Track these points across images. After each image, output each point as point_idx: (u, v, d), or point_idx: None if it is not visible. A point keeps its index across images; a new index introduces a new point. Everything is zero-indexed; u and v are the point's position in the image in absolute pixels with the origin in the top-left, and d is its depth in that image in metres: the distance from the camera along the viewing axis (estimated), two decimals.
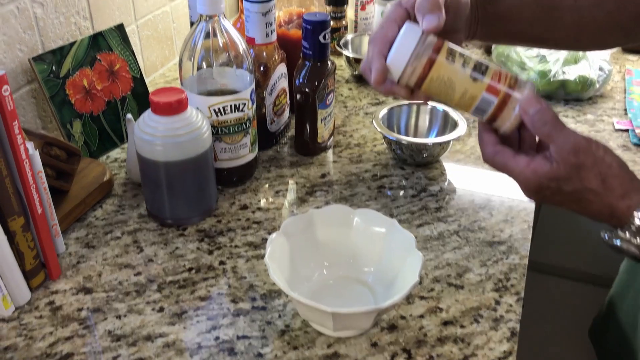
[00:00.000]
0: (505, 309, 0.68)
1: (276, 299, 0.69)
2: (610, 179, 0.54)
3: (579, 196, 0.55)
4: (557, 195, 0.56)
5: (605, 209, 0.55)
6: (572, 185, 0.55)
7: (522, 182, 0.58)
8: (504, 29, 0.68)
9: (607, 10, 0.66)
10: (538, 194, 0.57)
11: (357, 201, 0.85)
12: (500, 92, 0.58)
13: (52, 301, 0.69)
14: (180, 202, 0.79)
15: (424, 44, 0.57)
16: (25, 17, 0.86)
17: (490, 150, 0.60)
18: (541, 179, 0.56)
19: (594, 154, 0.54)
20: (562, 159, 0.54)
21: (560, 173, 0.55)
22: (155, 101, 0.73)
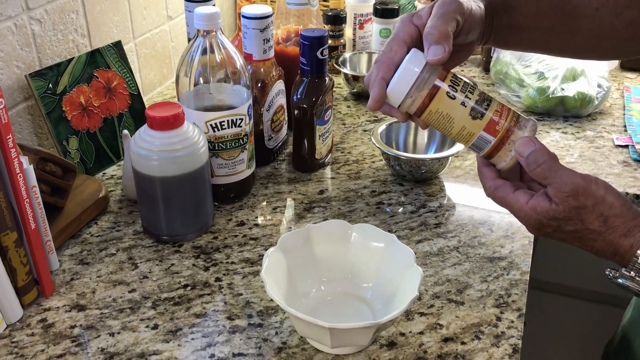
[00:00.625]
0: (506, 325, 0.66)
1: (273, 316, 0.67)
2: (612, 218, 0.53)
3: (581, 235, 0.55)
4: (558, 233, 0.56)
5: (608, 248, 0.54)
6: (573, 225, 0.54)
7: (522, 219, 0.57)
8: (519, 38, 0.67)
9: (629, 19, 0.65)
10: (539, 231, 0.57)
11: (355, 217, 0.84)
12: (499, 133, 0.56)
13: (44, 318, 0.67)
14: (176, 218, 0.78)
15: (427, 76, 0.56)
16: (23, 33, 0.86)
17: (490, 184, 0.59)
18: (541, 217, 0.55)
19: (594, 195, 0.53)
20: (561, 200, 0.53)
21: (559, 214, 0.54)
22: (152, 116, 0.73)
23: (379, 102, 0.57)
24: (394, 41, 0.58)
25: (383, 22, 1.26)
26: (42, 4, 0.88)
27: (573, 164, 0.97)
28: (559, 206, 0.54)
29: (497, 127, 0.56)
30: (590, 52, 0.70)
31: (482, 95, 0.57)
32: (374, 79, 0.57)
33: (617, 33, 0.66)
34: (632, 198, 0.90)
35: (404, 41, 0.57)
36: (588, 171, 0.94)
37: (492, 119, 0.56)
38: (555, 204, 0.54)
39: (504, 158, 0.57)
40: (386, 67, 0.57)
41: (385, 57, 0.57)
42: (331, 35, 1.25)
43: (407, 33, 0.58)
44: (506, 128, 0.56)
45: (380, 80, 0.57)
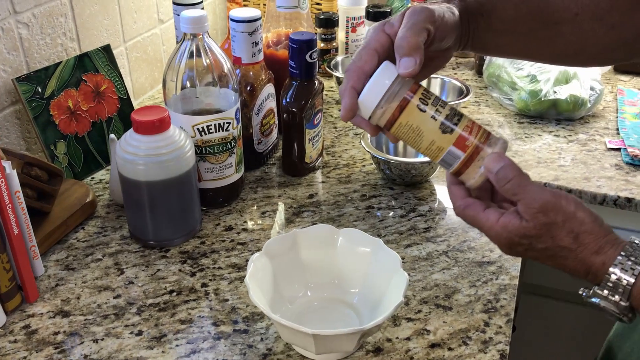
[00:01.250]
0: (494, 331, 0.66)
1: (259, 322, 0.67)
2: (583, 235, 0.52)
3: (552, 253, 0.53)
4: (530, 252, 0.54)
5: (580, 266, 0.53)
6: (544, 243, 0.53)
7: (493, 238, 0.56)
8: (497, 43, 0.66)
9: (608, 24, 0.63)
10: (511, 250, 0.55)
11: (344, 222, 0.84)
12: (469, 148, 0.55)
13: (27, 325, 0.66)
14: (163, 223, 0.77)
15: (397, 88, 0.55)
16: (10, 37, 0.85)
17: (460, 203, 0.57)
18: (512, 235, 0.53)
19: (564, 211, 0.52)
20: (531, 217, 0.52)
21: (530, 231, 0.53)
22: (137, 120, 0.72)
23: (350, 111, 0.56)
24: (365, 50, 0.56)
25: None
26: (29, 8, 0.87)
27: (565, 168, 0.96)
28: (529, 223, 0.52)
29: (466, 143, 0.55)
30: (572, 58, 0.69)
31: (453, 111, 0.56)
32: (345, 89, 0.56)
33: (599, 39, 0.64)
34: (623, 201, 0.89)
35: (375, 50, 0.56)
36: (580, 175, 0.94)
37: (462, 134, 0.55)
38: (526, 220, 0.52)
39: (472, 175, 0.56)
40: (356, 77, 0.56)
41: (355, 67, 0.56)
42: (323, 38, 1.25)
43: (379, 42, 0.56)
44: (476, 144, 0.55)
45: (351, 89, 0.56)
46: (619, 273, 0.50)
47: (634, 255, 0.50)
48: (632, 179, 0.93)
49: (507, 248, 0.55)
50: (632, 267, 0.50)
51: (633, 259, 0.50)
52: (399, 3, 1.46)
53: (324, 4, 1.34)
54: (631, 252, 0.50)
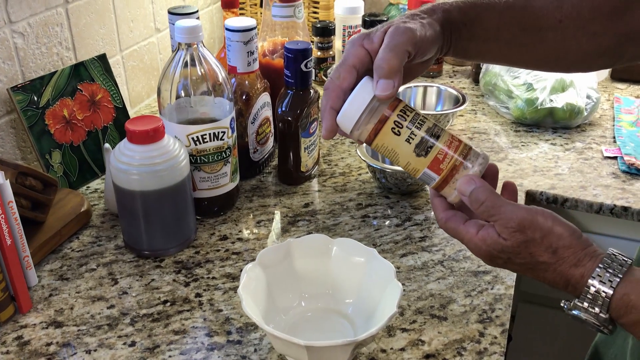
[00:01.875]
0: (489, 341, 0.65)
1: (252, 333, 0.66)
2: (561, 249, 0.52)
3: (531, 267, 0.54)
4: (510, 265, 0.55)
5: (560, 279, 0.53)
6: (523, 258, 0.53)
7: (473, 250, 0.56)
8: (479, 49, 0.66)
9: (590, 32, 0.64)
10: (491, 261, 0.56)
11: (340, 231, 0.83)
12: (443, 171, 0.55)
13: (20, 335, 0.66)
14: (158, 233, 0.77)
15: (375, 106, 0.54)
16: (5, 47, 0.85)
17: (442, 216, 0.58)
18: (490, 249, 0.54)
19: (541, 227, 0.52)
20: (509, 236, 0.53)
21: (508, 248, 0.53)
22: (131, 130, 0.72)
23: (331, 132, 0.56)
24: (343, 67, 0.56)
25: None
26: (25, 17, 0.87)
27: (562, 176, 0.96)
28: (507, 241, 0.53)
29: (441, 166, 0.55)
30: (553, 64, 0.69)
31: (430, 131, 0.55)
32: (324, 109, 0.56)
33: (580, 46, 0.65)
34: (620, 210, 0.89)
35: (354, 66, 0.55)
36: (577, 183, 0.94)
37: (437, 157, 0.55)
38: (503, 239, 0.53)
39: (450, 193, 0.56)
40: (335, 96, 0.55)
41: (334, 85, 0.55)
42: (320, 47, 1.25)
43: (357, 57, 0.55)
44: (450, 167, 0.55)
45: (330, 110, 0.55)
46: (597, 285, 0.50)
47: (611, 267, 0.50)
48: (628, 188, 0.93)
49: (487, 260, 0.56)
50: (610, 279, 0.50)
51: (611, 271, 0.50)
52: (395, 12, 1.47)
53: (320, 13, 1.34)
54: (609, 264, 0.51)
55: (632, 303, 0.49)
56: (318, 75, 1.26)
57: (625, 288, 0.50)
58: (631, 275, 0.50)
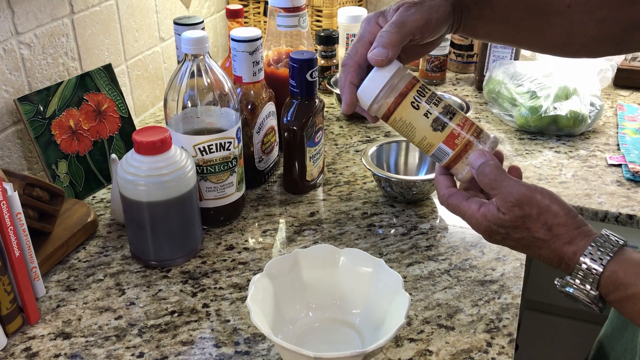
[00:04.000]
0: (497, 351, 0.65)
1: (260, 343, 0.67)
2: (556, 227, 0.54)
3: (527, 243, 0.56)
4: (508, 241, 0.57)
5: (554, 256, 0.55)
6: (520, 233, 0.56)
7: (474, 225, 0.59)
8: (487, 29, 0.67)
9: (598, 17, 0.65)
10: (490, 237, 0.58)
11: (346, 240, 0.83)
12: (457, 147, 0.59)
13: (28, 347, 0.66)
14: (164, 243, 0.77)
15: (395, 83, 0.58)
16: (12, 58, 0.86)
17: (444, 192, 0.61)
18: (491, 224, 0.57)
19: (538, 204, 0.54)
20: (508, 210, 0.55)
21: (506, 222, 0.56)
22: (138, 141, 0.72)
23: (351, 106, 0.60)
24: (360, 43, 0.59)
25: None
26: (31, 28, 0.88)
27: (566, 184, 0.96)
28: (506, 215, 0.55)
29: (456, 141, 0.59)
30: (559, 49, 0.70)
31: (447, 109, 0.59)
32: (344, 85, 0.60)
33: (587, 31, 0.66)
34: (625, 218, 0.89)
35: (370, 42, 0.58)
36: (581, 191, 0.94)
37: (453, 132, 0.58)
38: (502, 213, 0.56)
39: (460, 170, 0.60)
40: (353, 72, 0.59)
41: (352, 61, 0.59)
42: (323, 55, 1.25)
43: (373, 34, 0.59)
44: (465, 142, 0.58)
45: (349, 85, 0.59)
46: (589, 262, 0.52)
47: (603, 246, 0.52)
48: (633, 196, 0.93)
49: (486, 236, 0.58)
50: (600, 257, 0.52)
51: (602, 250, 0.52)
52: None
53: (324, 21, 1.35)
54: (601, 243, 0.53)
55: (620, 280, 0.51)
56: (321, 84, 1.26)
57: (614, 266, 0.52)
58: (622, 254, 0.52)
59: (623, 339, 0.73)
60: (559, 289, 0.56)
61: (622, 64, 1.30)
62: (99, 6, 1.01)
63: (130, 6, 1.09)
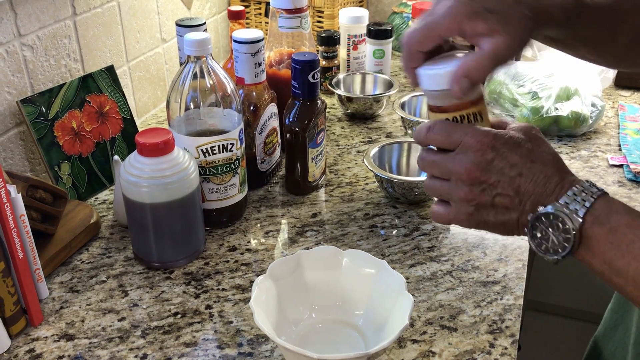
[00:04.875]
0: (500, 352, 0.65)
1: (264, 345, 0.67)
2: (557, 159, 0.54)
3: (530, 162, 0.52)
4: (504, 161, 0.52)
5: (552, 173, 0.51)
6: (518, 153, 0.52)
7: (457, 164, 0.54)
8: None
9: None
10: (489, 164, 0.52)
11: (348, 241, 0.84)
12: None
13: (32, 349, 0.66)
14: (167, 245, 0.77)
15: (449, 95, 0.54)
16: (14, 60, 0.86)
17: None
18: (494, 142, 0.53)
19: (542, 140, 0.55)
20: (516, 127, 0.55)
21: (513, 137, 0.53)
22: (141, 142, 0.72)
23: (415, 84, 0.57)
24: (429, 32, 0.53)
25: (377, 43, 1.26)
26: (33, 30, 0.88)
27: None
28: (514, 131, 0.54)
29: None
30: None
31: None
32: (406, 66, 0.56)
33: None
34: None
35: (440, 37, 0.53)
36: None
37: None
38: (511, 129, 0.55)
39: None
40: (413, 58, 0.55)
41: (413, 48, 0.54)
42: (325, 56, 1.25)
43: (449, 31, 0.52)
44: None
45: (410, 70, 0.55)
46: (587, 185, 0.51)
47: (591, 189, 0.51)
48: (635, 196, 0.93)
49: (485, 161, 0.53)
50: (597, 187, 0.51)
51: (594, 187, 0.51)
52: (399, 20, 1.48)
53: (325, 22, 1.35)
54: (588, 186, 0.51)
55: (615, 207, 0.49)
56: (323, 85, 1.26)
57: (607, 198, 0.50)
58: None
59: (614, 339, 0.73)
60: (531, 219, 0.51)
61: None
62: (101, 7, 1.01)
63: (132, 7, 1.09)
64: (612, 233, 0.48)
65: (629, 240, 0.47)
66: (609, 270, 0.49)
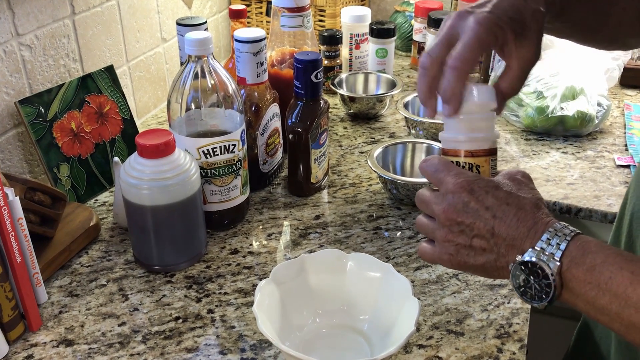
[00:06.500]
0: (508, 357, 0.64)
1: (267, 350, 0.65)
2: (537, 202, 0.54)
3: (515, 202, 0.52)
4: (490, 197, 0.52)
5: (529, 218, 0.51)
6: (508, 187, 0.53)
7: (450, 188, 0.54)
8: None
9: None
10: (470, 193, 0.53)
11: (352, 243, 0.82)
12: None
13: (30, 355, 0.65)
14: (168, 248, 0.76)
15: (461, 141, 0.56)
16: (12, 60, 0.84)
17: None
18: (473, 183, 0.53)
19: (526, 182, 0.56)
20: (502, 176, 0.55)
21: (497, 181, 0.54)
22: (142, 144, 0.71)
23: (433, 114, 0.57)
24: (476, 46, 0.52)
25: (379, 42, 1.25)
26: (32, 30, 0.87)
27: (574, 185, 0.95)
28: (499, 177, 0.55)
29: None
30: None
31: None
32: (424, 102, 0.57)
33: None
34: None
35: (482, 51, 0.53)
36: (590, 193, 0.93)
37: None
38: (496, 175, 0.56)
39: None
40: (431, 92, 0.56)
41: (427, 80, 0.55)
42: (327, 55, 1.24)
43: (487, 44, 0.53)
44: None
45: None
46: (560, 227, 0.50)
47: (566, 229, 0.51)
48: None
49: (466, 193, 0.53)
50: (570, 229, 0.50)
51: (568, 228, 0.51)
52: (402, 19, 1.46)
53: (327, 21, 1.34)
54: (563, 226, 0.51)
55: (589, 247, 0.49)
56: (325, 84, 1.25)
57: (581, 238, 0.50)
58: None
59: (598, 328, 0.72)
60: (513, 269, 0.51)
61: (629, 63, 1.28)
62: (100, 7, 1.00)
63: (131, 7, 1.08)
64: (590, 273, 0.48)
65: (607, 278, 0.47)
66: (593, 310, 0.49)
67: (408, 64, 1.45)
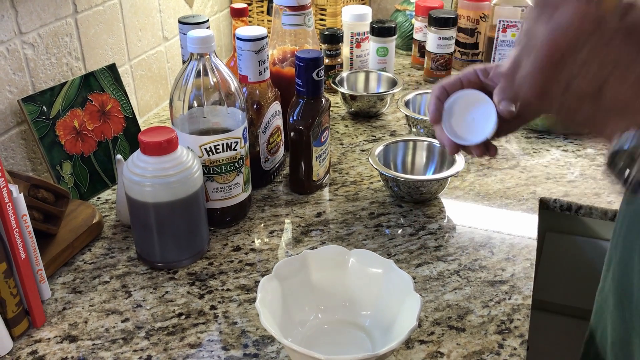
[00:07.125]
0: (509, 353, 0.64)
1: (269, 346, 0.66)
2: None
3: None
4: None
5: None
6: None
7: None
8: None
9: None
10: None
11: (353, 240, 0.83)
12: None
13: (35, 350, 0.65)
14: (171, 245, 0.76)
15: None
16: (15, 58, 0.85)
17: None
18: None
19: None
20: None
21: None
22: (145, 141, 0.72)
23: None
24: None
25: (380, 41, 1.25)
26: (34, 28, 0.87)
27: (575, 183, 0.95)
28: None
29: None
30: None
31: None
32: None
33: None
34: None
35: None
36: (590, 190, 0.93)
37: None
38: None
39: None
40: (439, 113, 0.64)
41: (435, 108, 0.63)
42: (328, 54, 1.24)
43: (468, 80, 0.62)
44: None
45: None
46: None
47: None
48: None
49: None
50: None
51: None
52: (402, 18, 1.46)
53: (328, 20, 1.34)
54: None
55: None
56: (326, 83, 1.25)
57: None
58: None
59: (602, 322, 0.72)
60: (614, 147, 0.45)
61: None
62: (102, 5, 1.00)
63: (133, 5, 1.08)
64: None
65: None
66: None
67: (409, 63, 1.46)
